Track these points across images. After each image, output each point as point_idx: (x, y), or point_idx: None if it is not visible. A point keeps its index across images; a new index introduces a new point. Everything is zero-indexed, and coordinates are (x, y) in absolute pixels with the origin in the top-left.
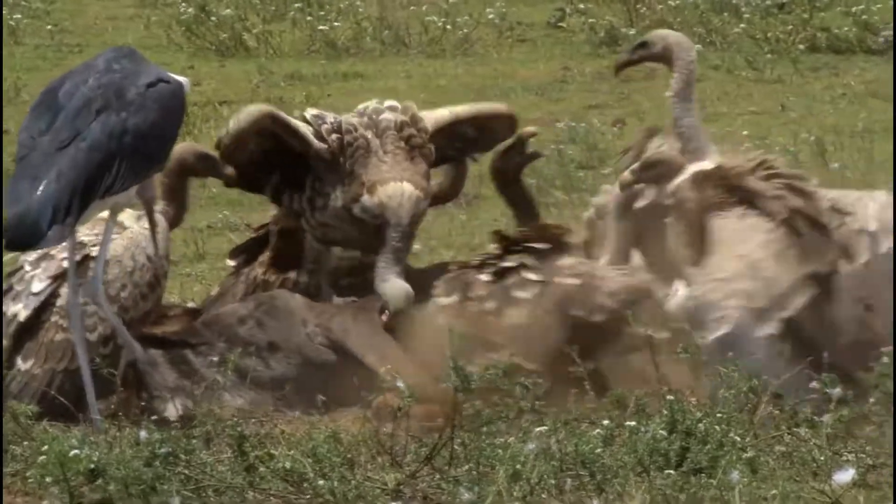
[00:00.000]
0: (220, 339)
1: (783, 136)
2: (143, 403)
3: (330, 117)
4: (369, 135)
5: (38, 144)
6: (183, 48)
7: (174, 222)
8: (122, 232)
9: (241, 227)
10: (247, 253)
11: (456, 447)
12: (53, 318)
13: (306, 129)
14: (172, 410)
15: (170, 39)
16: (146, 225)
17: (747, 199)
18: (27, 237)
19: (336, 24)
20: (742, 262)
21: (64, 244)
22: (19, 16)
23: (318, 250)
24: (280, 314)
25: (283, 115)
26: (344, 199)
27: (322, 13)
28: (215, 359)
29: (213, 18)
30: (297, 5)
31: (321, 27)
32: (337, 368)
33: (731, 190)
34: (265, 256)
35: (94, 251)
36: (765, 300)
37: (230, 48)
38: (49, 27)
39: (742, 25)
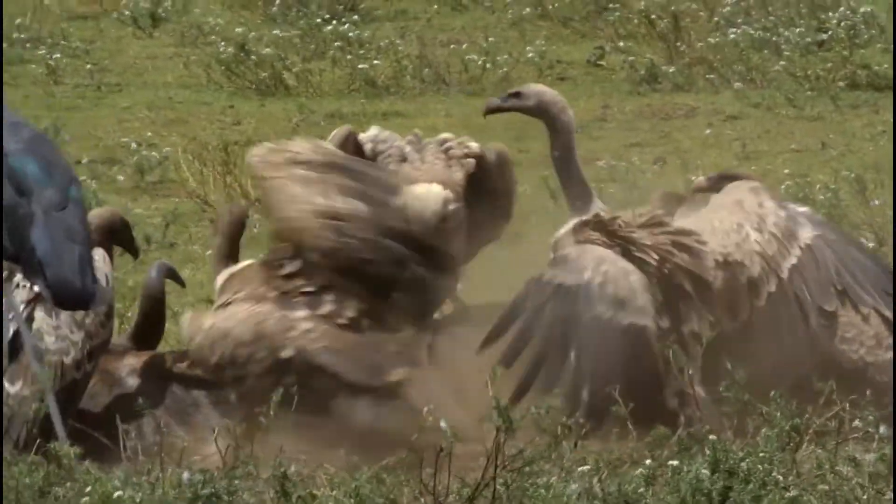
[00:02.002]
0: None
1: (824, 173)
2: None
3: (373, 130)
4: (408, 148)
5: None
6: (223, 87)
7: None
8: None
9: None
10: None
11: (498, 487)
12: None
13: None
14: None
15: (209, 78)
16: (96, 257)
17: (625, 250)
18: (78, 301)
19: (376, 62)
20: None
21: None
22: (59, 55)
23: None
24: None
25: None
26: None
27: (362, 52)
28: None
29: (252, 57)
30: (336, 44)
31: (361, 66)
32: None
33: (609, 238)
34: None
35: None
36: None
37: (270, 87)
38: (89, 66)
39: (782, 63)
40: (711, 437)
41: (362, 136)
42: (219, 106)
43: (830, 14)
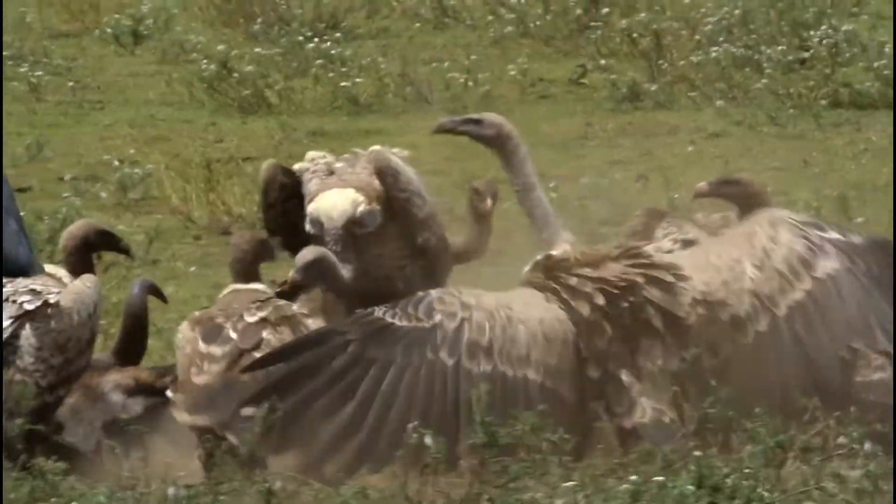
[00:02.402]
0: None
1: (806, 191)
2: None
3: (309, 154)
4: (339, 164)
5: None
6: (205, 105)
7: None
8: (64, 286)
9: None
10: None
11: (483, 503)
12: (12, 358)
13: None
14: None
15: (192, 96)
16: (88, 284)
17: (557, 293)
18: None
19: (358, 80)
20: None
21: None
22: (41, 72)
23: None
24: None
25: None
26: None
27: (344, 69)
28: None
29: (234, 75)
30: (319, 62)
31: (343, 84)
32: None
33: (552, 280)
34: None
35: (52, 298)
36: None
37: (252, 105)
38: (71, 84)
39: (764, 81)
40: (696, 453)
41: (299, 164)
42: (201, 123)
43: (812, 32)
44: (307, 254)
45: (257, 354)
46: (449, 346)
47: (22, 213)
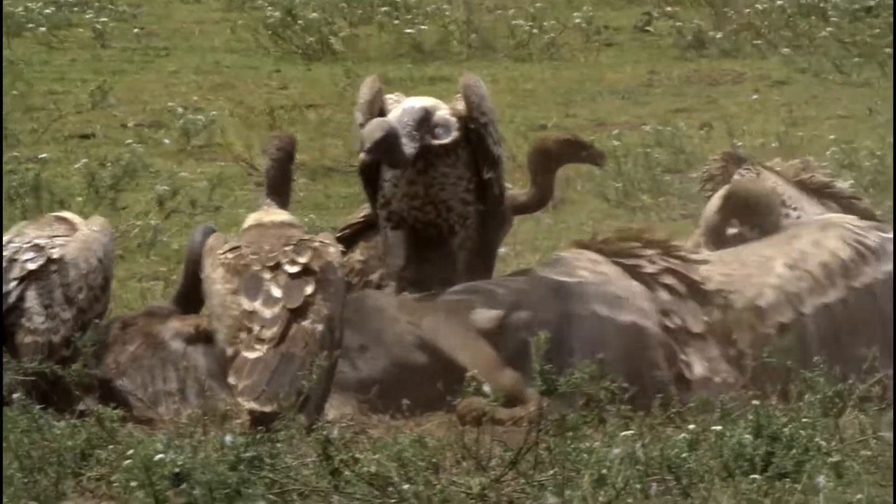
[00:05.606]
0: None
1: (870, 139)
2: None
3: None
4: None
5: None
6: (270, 52)
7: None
8: (73, 234)
9: (328, 229)
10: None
11: (541, 451)
12: (21, 321)
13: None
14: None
15: (257, 43)
16: (95, 228)
17: (621, 264)
18: None
19: (423, 27)
20: None
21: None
22: (106, 19)
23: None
24: (370, 314)
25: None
26: None
27: (409, 17)
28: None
29: (299, 22)
30: (383, 9)
31: (408, 31)
32: (427, 369)
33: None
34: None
35: (55, 253)
36: None
37: (317, 52)
38: (136, 30)
39: (829, 29)
40: (754, 402)
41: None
42: (265, 70)
43: None
44: (376, 130)
45: (304, 321)
46: (598, 300)
47: (85, 160)
